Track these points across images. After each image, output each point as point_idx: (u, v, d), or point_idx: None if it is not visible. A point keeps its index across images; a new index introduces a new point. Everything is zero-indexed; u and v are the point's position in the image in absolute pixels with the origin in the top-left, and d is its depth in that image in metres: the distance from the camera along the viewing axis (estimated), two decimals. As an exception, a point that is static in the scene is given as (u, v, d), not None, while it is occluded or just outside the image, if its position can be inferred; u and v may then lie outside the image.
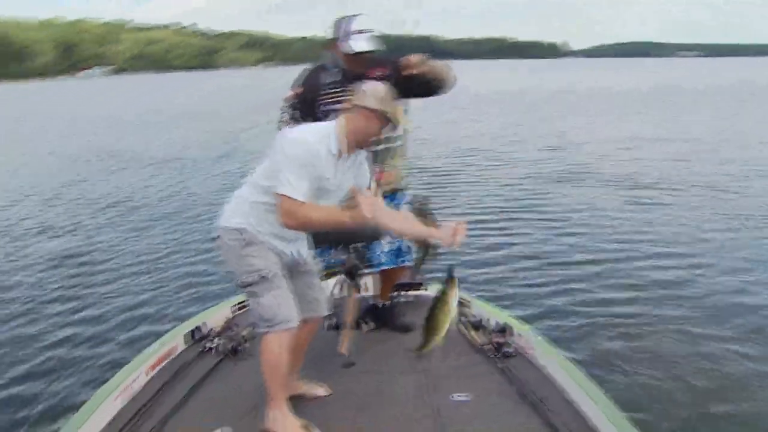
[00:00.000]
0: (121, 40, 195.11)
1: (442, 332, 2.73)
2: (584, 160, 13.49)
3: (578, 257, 6.88)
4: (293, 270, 2.87)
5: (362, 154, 2.82)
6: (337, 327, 3.79)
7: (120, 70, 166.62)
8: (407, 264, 3.70)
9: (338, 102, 3.24)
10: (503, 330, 3.67)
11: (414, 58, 3.11)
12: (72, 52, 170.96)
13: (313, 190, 2.54)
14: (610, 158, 13.74)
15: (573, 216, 8.68)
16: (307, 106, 3.40)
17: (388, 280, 3.91)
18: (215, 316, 3.99)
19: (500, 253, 7.11)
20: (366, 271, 4.36)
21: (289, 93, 3.49)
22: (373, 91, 2.66)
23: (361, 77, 3.21)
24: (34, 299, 6.10)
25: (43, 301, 6.07)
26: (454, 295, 2.70)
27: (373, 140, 2.75)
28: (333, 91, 3.36)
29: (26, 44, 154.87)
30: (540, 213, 8.94)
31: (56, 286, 6.48)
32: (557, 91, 40.33)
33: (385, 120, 2.64)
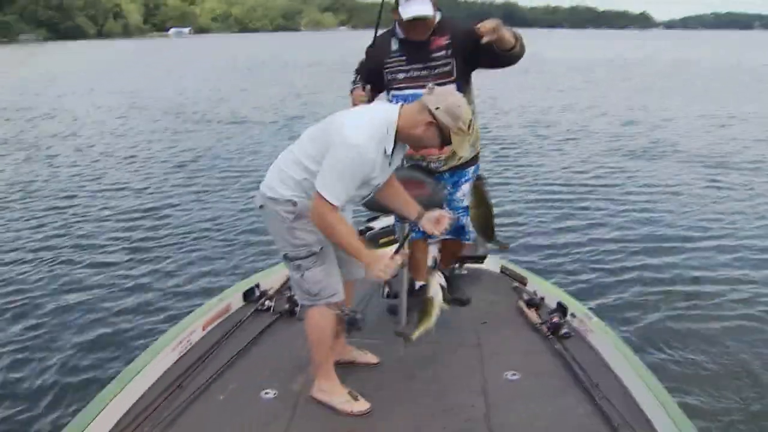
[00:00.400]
0: (204, 1, 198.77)
1: (428, 322, 2.69)
2: (665, 136, 12.95)
3: (647, 239, 6.63)
4: None
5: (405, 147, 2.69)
6: (393, 296, 3.78)
7: (203, 30, 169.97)
8: (467, 242, 3.64)
9: (400, 72, 3.20)
10: (561, 310, 3.58)
11: (488, 24, 2.80)
12: (158, 12, 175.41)
13: (356, 188, 2.45)
14: (693, 136, 13.18)
15: (644, 195, 8.43)
16: (374, 74, 3.27)
17: (448, 251, 3.85)
18: (272, 277, 4.05)
19: (564, 230, 6.95)
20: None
21: (363, 58, 3.38)
22: (450, 106, 2.39)
23: (420, 46, 3.15)
24: (101, 252, 6.38)
25: (109, 254, 6.35)
26: (434, 284, 2.68)
27: (422, 148, 2.70)
28: (395, 59, 3.22)
29: (116, 4, 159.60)
30: (608, 190, 8.66)
31: (122, 241, 6.70)
32: (644, 63, 38.57)
33: (446, 140, 2.45)
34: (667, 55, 49.25)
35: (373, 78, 3.27)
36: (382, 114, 2.47)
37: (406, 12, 3.02)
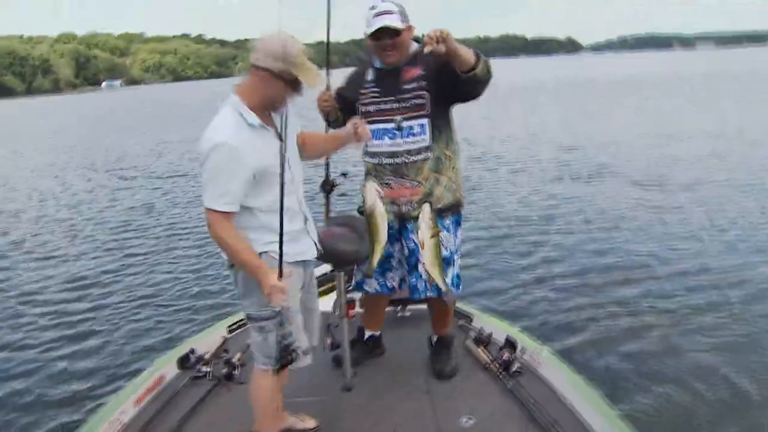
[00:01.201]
0: (135, 52, 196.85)
1: (379, 240, 2.66)
2: (608, 160, 12.99)
3: (594, 269, 6.51)
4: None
5: (290, 111, 2.49)
6: (336, 346, 3.61)
7: (135, 82, 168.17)
8: (453, 294, 3.14)
9: (372, 104, 3.02)
10: (510, 345, 3.47)
11: (432, 32, 2.56)
12: (88, 66, 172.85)
13: (246, 184, 2.29)
14: (636, 157, 13.14)
15: (591, 223, 8.33)
16: (347, 102, 3.12)
17: (436, 312, 3.45)
18: (207, 340, 3.82)
19: (509, 263, 6.84)
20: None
21: (321, 92, 3.10)
22: (266, 46, 2.24)
23: (393, 77, 2.97)
24: (21, 329, 5.87)
25: (27, 329, 5.86)
26: (371, 194, 2.62)
27: (281, 104, 2.40)
28: (369, 90, 3.04)
29: (45, 59, 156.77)
30: (554, 220, 8.50)
31: (45, 316, 6.15)
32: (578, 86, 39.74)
33: (289, 79, 2.27)
34: (604, 76, 50.95)
35: (345, 105, 3.13)
36: (227, 104, 2.36)
37: (371, 26, 2.84)
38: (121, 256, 8.03)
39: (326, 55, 3.23)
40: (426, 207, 2.59)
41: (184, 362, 3.57)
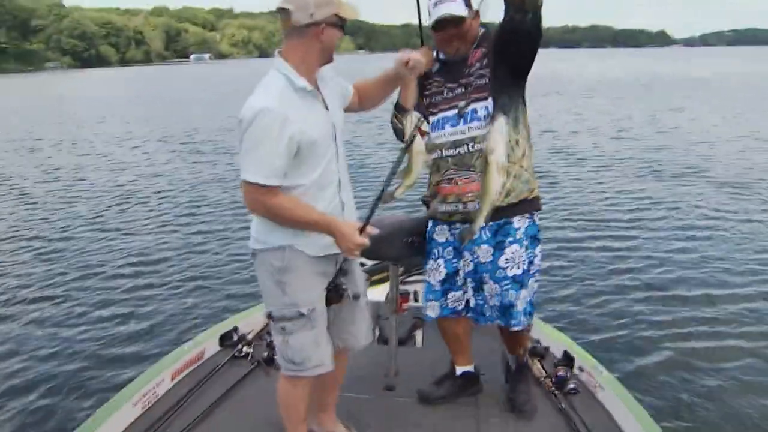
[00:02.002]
0: (224, 27, 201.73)
1: (408, 179, 2.36)
2: (696, 161, 12.02)
3: (668, 284, 5.87)
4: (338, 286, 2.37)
5: (331, 74, 2.35)
6: (383, 342, 3.45)
7: (223, 56, 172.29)
8: (518, 328, 2.72)
9: (437, 94, 2.69)
10: (567, 361, 3.21)
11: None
12: (178, 39, 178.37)
13: (290, 154, 2.07)
14: (726, 161, 12.08)
15: (670, 231, 7.56)
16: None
17: (507, 340, 2.98)
18: (250, 320, 3.71)
19: (574, 271, 6.27)
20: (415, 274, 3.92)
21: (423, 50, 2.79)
22: (300, 2, 2.06)
23: (459, 63, 2.64)
24: (66, 296, 5.96)
25: (75, 295, 5.96)
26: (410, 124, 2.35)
27: (331, 54, 2.22)
28: (434, 81, 2.71)
29: (139, 32, 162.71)
30: (629, 226, 7.76)
31: (98, 280, 6.31)
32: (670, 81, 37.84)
33: (340, 21, 2.13)
34: (694, 71, 48.38)
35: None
36: (269, 78, 2.16)
37: (433, 15, 2.52)
38: (185, 232, 8.07)
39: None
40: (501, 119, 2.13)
41: (225, 340, 3.51)
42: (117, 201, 9.93)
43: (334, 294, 2.25)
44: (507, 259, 2.60)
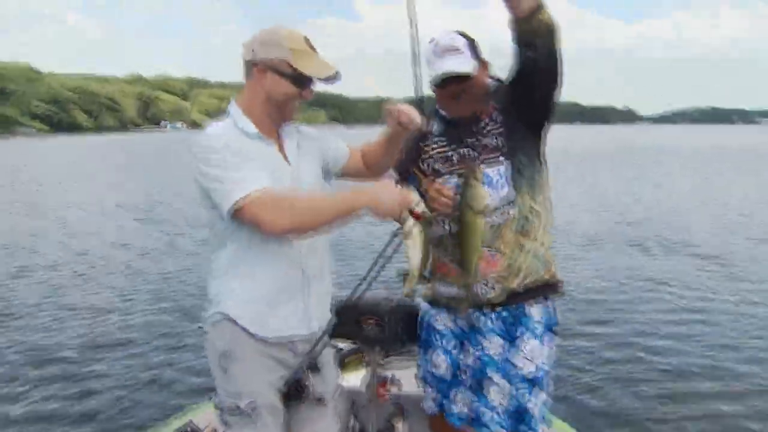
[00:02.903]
0: (196, 96, 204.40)
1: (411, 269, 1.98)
2: (681, 235, 11.29)
3: (679, 369, 5.17)
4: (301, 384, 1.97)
5: (309, 132, 2.09)
6: (359, 432, 3.00)
7: (195, 124, 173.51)
8: None
9: (440, 159, 2.25)
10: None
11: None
12: (152, 107, 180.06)
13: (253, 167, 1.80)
14: (716, 230, 11.74)
15: (671, 307, 6.86)
16: (410, 166, 2.32)
17: None
18: (207, 414, 3.07)
19: (581, 355, 5.44)
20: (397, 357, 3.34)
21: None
22: (256, 37, 1.88)
23: (468, 122, 2.20)
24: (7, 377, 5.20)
25: (14, 377, 5.21)
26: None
27: (287, 111, 1.92)
28: (435, 143, 2.28)
29: (112, 98, 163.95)
30: (630, 300, 7.05)
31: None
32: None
33: (288, 73, 1.84)
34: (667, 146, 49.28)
35: (407, 170, 2.33)
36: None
37: (435, 70, 2.11)
38: (143, 309, 7.10)
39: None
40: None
41: None
42: (73, 272, 9.02)
43: (294, 391, 1.93)
44: (522, 356, 2.16)
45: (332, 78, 1.91)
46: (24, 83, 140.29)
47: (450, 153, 2.23)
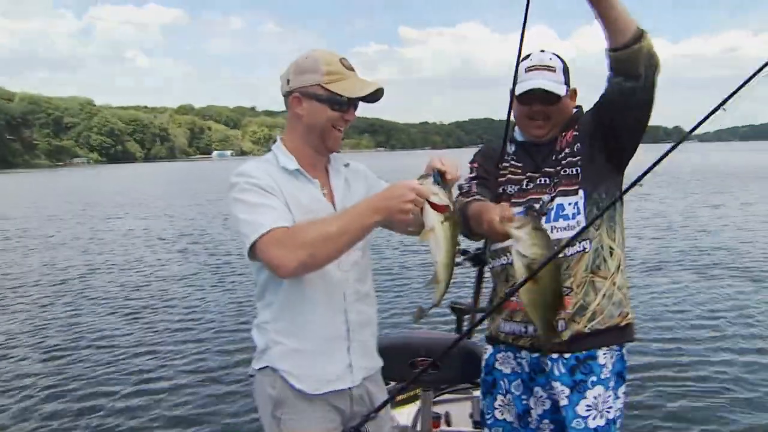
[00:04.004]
0: (246, 124, 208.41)
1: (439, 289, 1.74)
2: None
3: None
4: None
5: (359, 169, 2.04)
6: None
7: (244, 153, 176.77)
8: None
9: (511, 183, 2.15)
10: None
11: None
12: (202, 136, 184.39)
13: (279, 205, 1.75)
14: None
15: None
16: (482, 183, 2.22)
17: None
18: None
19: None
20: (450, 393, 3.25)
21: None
22: (298, 65, 1.82)
23: (545, 148, 2.11)
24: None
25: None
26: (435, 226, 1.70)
27: (332, 139, 1.86)
28: (509, 165, 2.18)
29: (164, 129, 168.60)
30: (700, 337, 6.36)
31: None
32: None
33: (326, 97, 1.78)
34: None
35: (491, 183, 2.22)
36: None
37: (522, 86, 2.05)
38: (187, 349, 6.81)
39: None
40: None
41: None
42: (121, 309, 8.75)
43: None
44: (588, 405, 2.01)
45: (373, 96, 1.84)
46: (82, 116, 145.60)
47: (524, 179, 2.13)
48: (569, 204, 2.03)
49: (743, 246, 12.02)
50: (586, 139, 2.06)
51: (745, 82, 1.58)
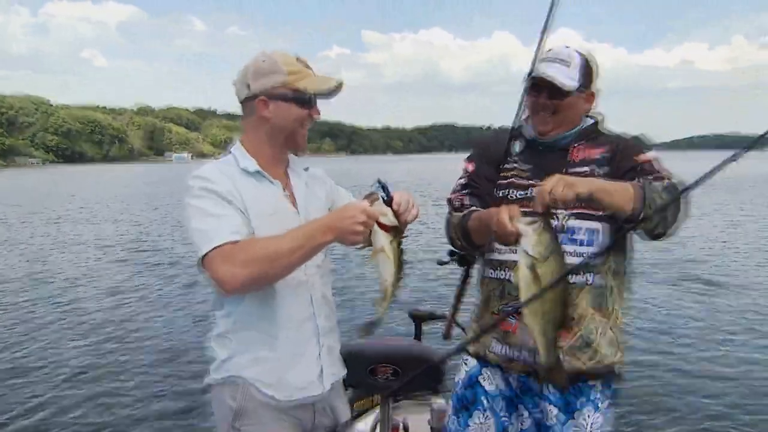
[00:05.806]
0: (206, 127, 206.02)
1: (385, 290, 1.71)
2: None
3: None
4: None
5: (318, 174, 1.99)
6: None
7: (203, 155, 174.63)
8: None
9: (513, 187, 1.99)
10: None
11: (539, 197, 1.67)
12: (161, 138, 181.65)
13: (236, 214, 1.67)
14: None
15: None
16: (486, 185, 2.06)
17: None
18: None
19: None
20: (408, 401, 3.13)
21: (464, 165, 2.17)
22: (247, 71, 1.76)
23: (554, 152, 1.98)
24: None
25: None
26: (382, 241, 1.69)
27: (300, 138, 1.82)
28: (514, 166, 2.03)
29: (122, 130, 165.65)
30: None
31: None
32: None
33: (295, 94, 1.75)
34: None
35: (484, 191, 2.06)
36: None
37: (535, 71, 1.94)
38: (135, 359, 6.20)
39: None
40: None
41: None
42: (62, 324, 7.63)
43: None
44: (577, 426, 1.92)
45: (335, 90, 1.82)
46: (37, 116, 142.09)
47: (529, 186, 1.95)
48: (584, 229, 1.88)
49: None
50: (613, 163, 1.92)
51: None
